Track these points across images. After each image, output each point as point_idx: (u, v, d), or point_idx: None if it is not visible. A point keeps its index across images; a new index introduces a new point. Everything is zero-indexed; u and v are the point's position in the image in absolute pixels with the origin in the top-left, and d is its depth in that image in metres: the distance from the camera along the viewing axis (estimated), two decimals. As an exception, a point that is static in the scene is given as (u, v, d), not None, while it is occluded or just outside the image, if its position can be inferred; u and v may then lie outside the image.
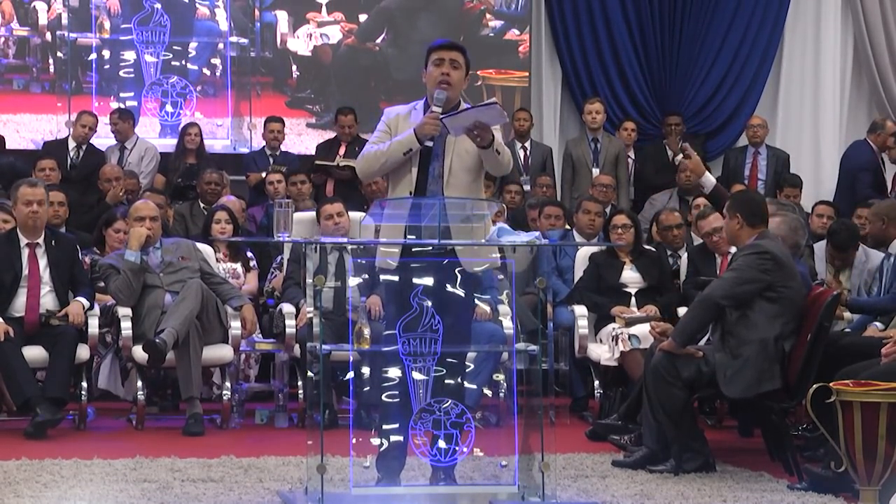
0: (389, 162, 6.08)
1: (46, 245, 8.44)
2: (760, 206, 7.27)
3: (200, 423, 8.21)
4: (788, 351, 6.88)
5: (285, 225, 5.97)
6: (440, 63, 6.11)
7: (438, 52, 6.14)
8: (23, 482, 6.41)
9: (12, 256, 8.35)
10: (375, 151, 6.11)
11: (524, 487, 5.99)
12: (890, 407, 5.83)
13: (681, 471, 6.84)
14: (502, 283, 7.68)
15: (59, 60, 12.86)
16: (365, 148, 6.26)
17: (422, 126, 6.03)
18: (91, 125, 11.81)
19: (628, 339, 8.42)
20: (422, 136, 6.02)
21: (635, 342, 8.38)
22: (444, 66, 6.11)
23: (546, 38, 13.70)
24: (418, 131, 6.03)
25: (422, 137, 6.02)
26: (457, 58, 6.14)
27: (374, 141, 6.20)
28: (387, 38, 13.51)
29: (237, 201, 10.66)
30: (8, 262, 8.34)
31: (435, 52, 6.15)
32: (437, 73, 6.11)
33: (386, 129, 6.19)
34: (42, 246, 8.44)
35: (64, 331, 8.24)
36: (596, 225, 9.64)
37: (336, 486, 6.02)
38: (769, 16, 13.82)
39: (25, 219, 8.38)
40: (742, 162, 12.63)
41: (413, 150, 6.04)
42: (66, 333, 8.22)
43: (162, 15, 12.92)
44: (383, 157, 6.08)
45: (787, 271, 6.98)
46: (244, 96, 13.20)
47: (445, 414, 5.95)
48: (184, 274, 8.62)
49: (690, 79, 13.79)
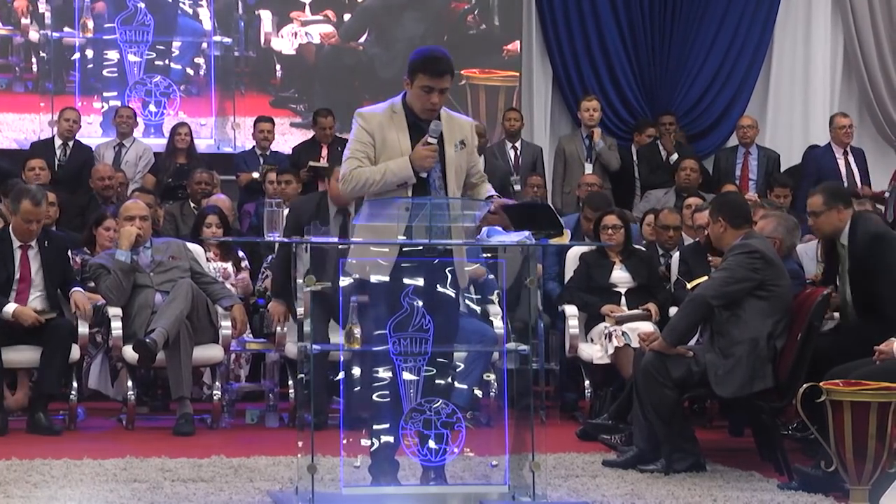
0: (382, 190, 5.92)
1: (40, 246, 8.40)
2: (743, 208, 7.30)
3: (191, 423, 8.21)
4: (780, 349, 6.90)
5: (276, 225, 5.96)
6: (430, 91, 5.90)
7: (431, 79, 5.88)
8: (13, 482, 6.40)
9: (5, 257, 8.31)
10: (367, 178, 5.88)
11: (515, 487, 6.00)
12: (880, 406, 5.83)
13: (671, 470, 6.85)
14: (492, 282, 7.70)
15: (42, 60, 12.84)
16: (349, 163, 5.95)
17: (421, 161, 5.88)
18: (75, 118, 11.81)
19: (622, 335, 8.43)
20: (419, 170, 5.91)
21: (628, 339, 8.39)
22: (434, 95, 5.92)
23: (537, 38, 13.71)
24: (416, 165, 5.88)
25: (419, 171, 5.92)
26: (447, 84, 5.96)
27: (355, 151, 5.95)
28: (370, 38, 13.51)
29: (227, 200, 10.65)
30: (0, 263, 8.32)
31: (427, 77, 5.88)
32: (426, 101, 5.91)
33: (368, 139, 5.96)
34: (35, 247, 8.39)
35: (59, 325, 8.21)
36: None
37: (326, 486, 6.02)
38: (759, 16, 13.84)
39: (22, 231, 8.32)
40: (733, 162, 12.64)
41: (409, 183, 5.92)
42: (61, 328, 8.20)
43: (146, 14, 12.90)
44: (375, 186, 5.90)
45: (776, 269, 7.00)
46: (228, 96, 13.19)
47: (436, 414, 5.94)
48: (174, 274, 8.61)
49: (681, 79, 13.81)
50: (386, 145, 5.95)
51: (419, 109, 5.95)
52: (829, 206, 7.35)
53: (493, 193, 6.17)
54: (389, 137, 5.96)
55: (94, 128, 12.70)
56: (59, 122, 11.81)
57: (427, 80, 5.90)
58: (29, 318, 8.14)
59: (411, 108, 5.99)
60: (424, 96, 5.92)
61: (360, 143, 5.96)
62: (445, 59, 5.98)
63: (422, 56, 5.98)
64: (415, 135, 5.97)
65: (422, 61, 5.94)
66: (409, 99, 6.00)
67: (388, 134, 5.96)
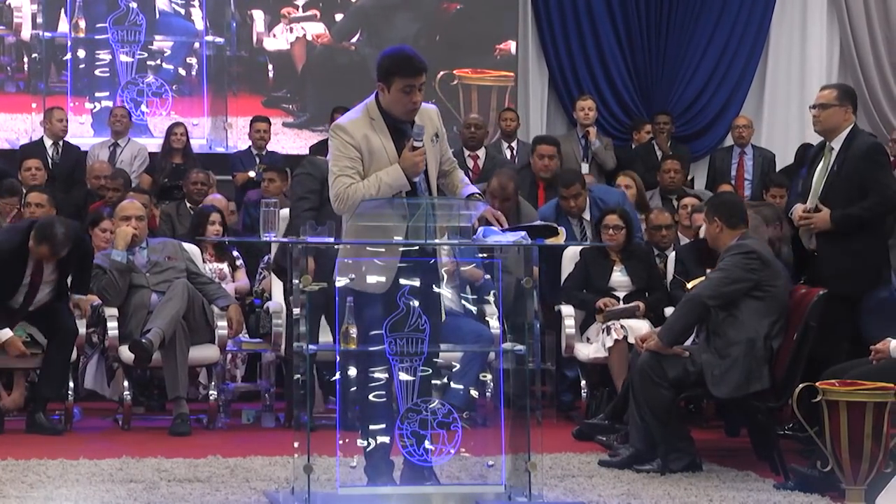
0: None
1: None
2: (739, 208, 7.31)
3: (187, 424, 8.21)
4: (776, 350, 6.91)
5: (272, 225, 5.96)
6: (410, 91, 5.83)
7: (409, 78, 5.82)
8: (8, 483, 6.40)
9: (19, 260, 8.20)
10: (362, 195, 5.79)
11: (511, 487, 6.00)
12: (876, 407, 5.84)
13: (667, 470, 6.85)
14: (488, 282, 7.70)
15: (34, 60, 12.83)
16: (340, 181, 5.84)
17: (412, 167, 5.85)
18: (63, 117, 11.81)
19: (621, 328, 8.43)
20: (411, 176, 5.88)
21: (626, 331, 8.38)
22: (414, 93, 5.86)
23: (533, 38, 13.72)
24: (409, 172, 5.85)
25: (411, 177, 5.89)
26: (423, 80, 5.91)
27: (345, 168, 5.85)
28: (363, 38, 13.51)
29: (224, 199, 10.65)
30: (15, 266, 8.20)
31: (405, 78, 5.82)
32: (408, 101, 5.85)
33: (356, 153, 5.86)
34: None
35: (62, 328, 8.19)
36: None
37: (323, 486, 6.01)
38: (755, 16, 13.85)
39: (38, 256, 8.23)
40: (728, 162, 12.64)
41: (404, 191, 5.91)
42: (64, 331, 8.19)
43: (137, 14, 12.89)
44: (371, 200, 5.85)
45: (773, 270, 7.01)
46: (220, 96, 13.19)
47: (432, 414, 5.95)
48: (170, 274, 8.61)
49: (676, 79, 13.82)
50: (373, 155, 5.90)
51: (401, 111, 5.90)
52: (841, 104, 7.41)
53: (473, 190, 6.15)
54: (374, 147, 5.90)
55: (86, 128, 12.70)
56: (51, 122, 11.78)
57: (405, 80, 5.84)
58: (16, 351, 8.15)
59: (388, 111, 5.92)
60: (405, 97, 5.86)
61: (348, 160, 5.87)
62: (417, 56, 5.92)
63: (394, 58, 5.90)
64: (397, 138, 5.94)
65: (396, 63, 5.87)
66: (385, 102, 5.91)
67: (373, 144, 5.90)
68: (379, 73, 5.90)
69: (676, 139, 13.13)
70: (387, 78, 5.86)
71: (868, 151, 7.45)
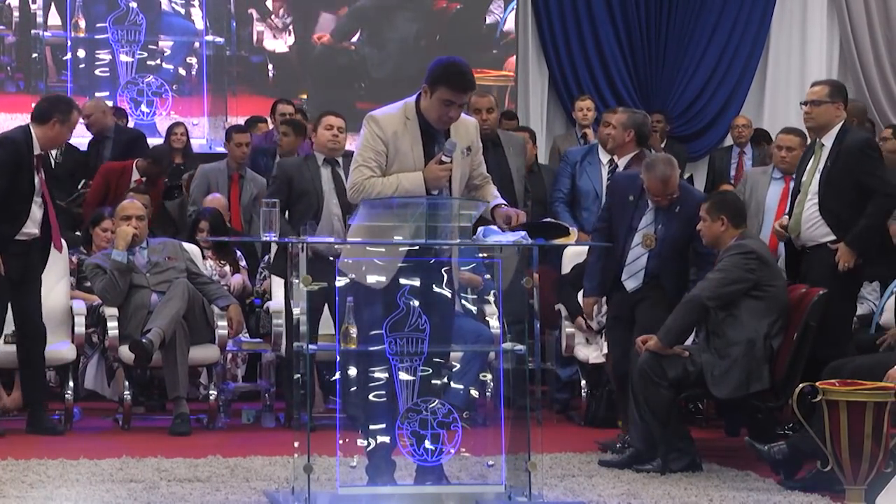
0: None
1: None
2: (741, 207, 7.33)
3: (187, 423, 8.21)
4: (776, 350, 6.91)
5: (272, 225, 5.96)
6: (449, 105, 5.79)
7: (454, 94, 5.76)
8: (8, 482, 6.40)
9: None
10: (378, 192, 5.78)
11: (511, 487, 6.00)
12: (876, 407, 5.84)
13: (667, 470, 6.86)
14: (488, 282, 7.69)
15: (34, 59, 12.83)
16: (360, 171, 5.83)
17: (435, 180, 5.83)
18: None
19: None
20: (432, 189, 5.87)
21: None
22: (453, 109, 5.83)
23: (533, 38, 13.72)
24: (430, 185, 5.84)
25: (431, 189, 5.87)
26: (467, 99, 5.91)
27: (367, 160, 5.84)
28: (362, 37, 13.50)
29: (222, 199, 10.62)
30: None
31: (449, 91, 5.76)
32: (444, 114, 5.81)
33: (382, 148, 5.83)
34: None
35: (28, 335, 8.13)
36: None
37: (323, 486, 6.02)
38: (755, 16, 13.86)
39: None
40: (727, 162, 12.64)
41: None
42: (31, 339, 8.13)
43: (137, 14, 12.91)
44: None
45: (772, 270, 7.03)
46: (220, 96, 13.19)
47: (432, 414, 5.94)
48: (170, 274, 8.61)
49: (676, 78, 13.83)
50: (399, 155, 5.88)
51: (434, 119, 5.86)
52: (833, 100, 7.38)
53: (501, 201, 6.11)
54: (402, 147, 5.87)
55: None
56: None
57: (449, 94, 5.79)
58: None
59: (425, 114, 5.89)
60: (443, 109, 5.82)
61: (373, 152, 5.86)
62: (471, 75, 5.87)
63: (447, 68, 5.84)
64: (428, 143, 5.91)
65: (447, 74, 5.81)
66: (424, 107, 5.87)
67: (402, 143, 5.87)
68: (428, 75, 5.85)
69: (675, 139, 13.13)
70: (433, 83, 5.81)
71: (862, 146, 7.39)
